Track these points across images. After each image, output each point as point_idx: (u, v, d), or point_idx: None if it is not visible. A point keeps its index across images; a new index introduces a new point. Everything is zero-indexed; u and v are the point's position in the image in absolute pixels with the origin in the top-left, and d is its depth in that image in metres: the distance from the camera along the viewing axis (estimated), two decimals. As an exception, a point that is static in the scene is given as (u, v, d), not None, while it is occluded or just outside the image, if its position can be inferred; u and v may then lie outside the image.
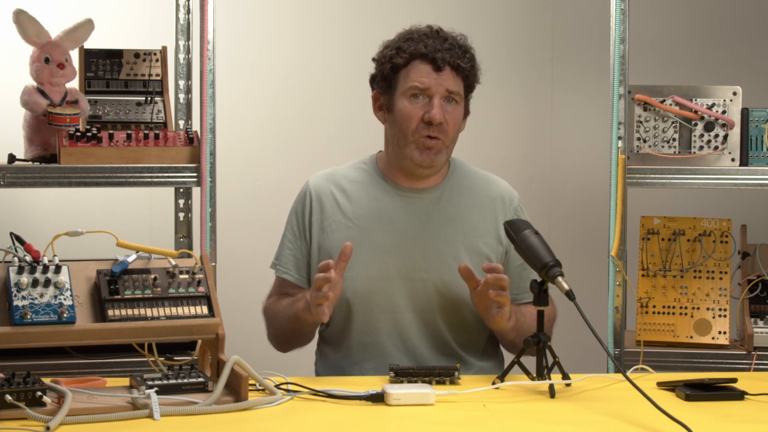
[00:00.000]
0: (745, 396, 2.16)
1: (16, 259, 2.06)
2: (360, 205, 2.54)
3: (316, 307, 2.26)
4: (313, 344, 2.67)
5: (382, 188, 2.55)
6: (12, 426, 1.85)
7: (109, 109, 2.95)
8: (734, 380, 2.19)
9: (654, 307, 2.88)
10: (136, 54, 3.03)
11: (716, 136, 2.80)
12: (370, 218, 2.53)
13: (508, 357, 2.47)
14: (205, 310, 2.15)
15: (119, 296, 2.10)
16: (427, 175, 2.52)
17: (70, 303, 2.04)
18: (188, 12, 3.08)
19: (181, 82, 3.07)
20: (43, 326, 2.02)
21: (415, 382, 2.21)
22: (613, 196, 2.75)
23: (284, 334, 2.54)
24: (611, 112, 2.75)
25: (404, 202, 2.53)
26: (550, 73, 3.94)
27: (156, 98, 2.99)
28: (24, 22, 2.68)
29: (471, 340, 2.54)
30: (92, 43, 2.87)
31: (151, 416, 1.92)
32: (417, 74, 2.46)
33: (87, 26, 2.78)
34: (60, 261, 2.08)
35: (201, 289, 2.17)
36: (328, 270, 2.25)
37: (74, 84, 2.83)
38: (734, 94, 2.81)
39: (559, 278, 2.16)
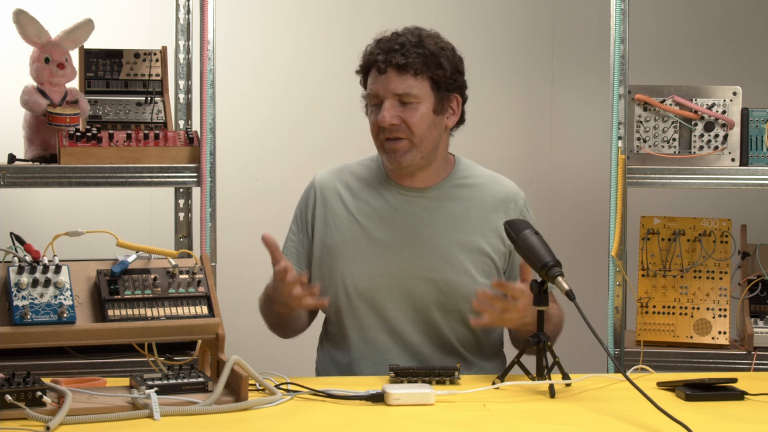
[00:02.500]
0: (745, 396, 2.16)
1: (16, 259, 2.06)
2: (363, 201, 2.55)
3: (297, 301, 2.27)
4: (314, 342, 2.67)
5: (385, 186, 2.56)
6: (12, 426, 1.85)
7: (109, 109, 2.95)
8: (734, 380, 2.19)
9: (654, 307, 2.88)
10: (136, 54, 3.03)
11: (716, 136, 2.80)
12: (372, 215, 2.53)
13: (508, 357, 2.47)
14: (205, 310, 2.15)
15: (119, 296, 2.10)
16: (408, 174, 2.52)
17: (70, 303, 2.04)
18: (188, 12, 3.08)
19: (181, 82, 3.07)
20: (43, 326, 2.02)
21: (415, 382, 2.21)
22: (613, 196, 2.75)
23: (273, 326, 2.54)
24: (611, 112, 2.75)
25: (406, 200, 2.54)
26: (550, 73, 3.94)
27: (156, 98, 2.99)
28: (24, 22, 2.68)
29: (472, 338, 2.54)
30: (92, 43, 2.87)
31: (151, 416, 1.92)
32: (370, 83, 2.49)
33: (87, 26, 2.78)
34: (60, 261, 2.08)
35: (201, 289, 2.17)
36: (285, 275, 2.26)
37: (74, 84, 2.83)
38: (734, 94, 2.80)
39: (559, 278, 2.16)
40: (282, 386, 2.16)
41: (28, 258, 2.07)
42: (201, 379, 2.07)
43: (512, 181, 2.65)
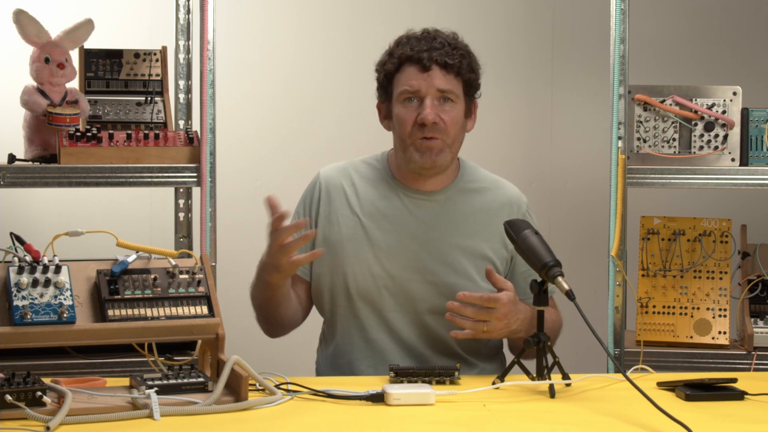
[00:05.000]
0: (745, 396, 2.16)
1: (16, 259, 2.06)
2: (368, 202, 2.54)
3: (282, 252, 2.23)
4: (314, 342, 2.67)
5: (391, 188, 2.55)
6: (12, 426, 1.85)
7: (109, 109, 2.95)
8: (734, 380, 2.19)
9: (654, 307, 2.88)
10: (136, 54, 3.03)
11: (716, 136, 2.80)
12: (376, 216, 2.53)
13: (508, 357, 2.47)
14: (205, 310, 2.15)
15: (119, 296, 2.10)
16: (432, 175, 2.52)
17: (70, 303, 2.04)
18: (188, 12, 3.08)
19: (181, 82, 3.07)
20: (43, 326, 2.02)
21: (415, 382, 2.21)
22: (613, 196, 2.75)
23: (261, 310, 2.50)
24: (611, 112, 2.75)
25: (412, 203, 2.53)
26: (550, 73, 3.94)
27: (156, 98, 2.99)
28: (24, 22, 2.68)
29: (472, 342, 2.53)
30: (92, 43, 2.87)
31: (151, 416, 1.92)
32: (407, 78, 2.46)
33: (87, 26, 2.78)
34: (60, 261, 2.08)
35: (201, 289, 2.17)
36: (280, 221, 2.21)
37: (74, 84, 2.83)
38: (734, 94, 2.80)
39: (559, 278, 2.16)
40: (282, 386, 2.16)
41: (28, 258, 2.07)
42: (201, 379, 2.07)
43: (513, 183, 2.65)
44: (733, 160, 2.80)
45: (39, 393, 1.92)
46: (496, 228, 2.52)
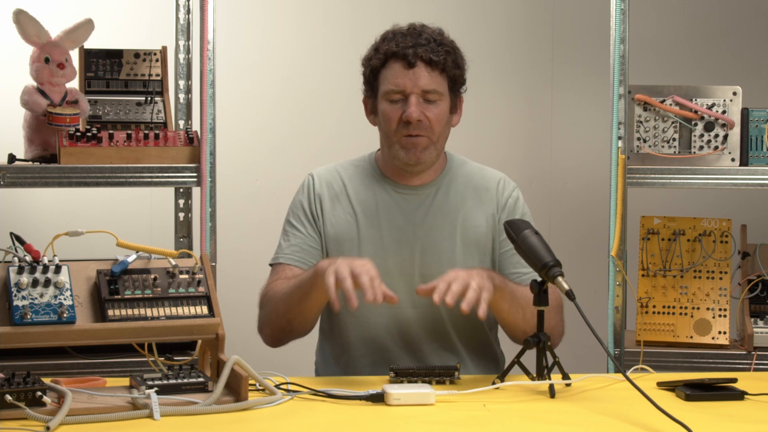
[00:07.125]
0: (745, 396, 2.16)
1: (16, 259, 2.05)
2: (359, 201, 2.55)
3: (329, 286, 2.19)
4: (313, 342, 2.67)
5: (381, 185, 2.56)
6: (12, 426, 1.85)
7: (109, 109, 2.95)
8: (734, 380, 2.19)
9: (654, 307, 2.88)
10: (136, 54, 3.04)
11: (716, 136, 2.80)
12: (369, 214, 2.53)
13: (508, 357, 2.47)
14: (205, 310, 2.15)
15: (119, 296, 2.10)
16: (418, 171, 2.52)
17: (70, 303, 2.04)
18: (188, 12, 3.09)
19: (181, 82, 3.08)
20: (43, 326, 2.01)
21: (415, 382, 2.21)
22: (613, 196, 2.75)
23: (279, 315, 2.45)
24: (611, 112, 2.75)
25: (402, 198, 2.54)
26: (550, 73, 3.94)
27: (156, 98, 3.00)
28: (24, 22, 2.68)
29: (470, 333, 2.54)
30: (92, 43, 2.87)
31: (151, 416, 1.92)
32: (392, 75, 2.46)
33: (87, 26, 2.78)
34: (60, 261, 2.07)
35: (201, 289, 2.17)
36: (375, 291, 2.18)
37: (74, 84, 2.83)
38: (734, 94, 2.80)
39: (559, 278, 2.16)
40: (282, 386, 2.16)
41: (28, 258, 2.07)
42: (201, 379, 2.07)
43: (511, 180, 2.65)
44: (733, 160, 2.80)
45: (39, 393, 1.92)
46: (483, 212, 2.53)
